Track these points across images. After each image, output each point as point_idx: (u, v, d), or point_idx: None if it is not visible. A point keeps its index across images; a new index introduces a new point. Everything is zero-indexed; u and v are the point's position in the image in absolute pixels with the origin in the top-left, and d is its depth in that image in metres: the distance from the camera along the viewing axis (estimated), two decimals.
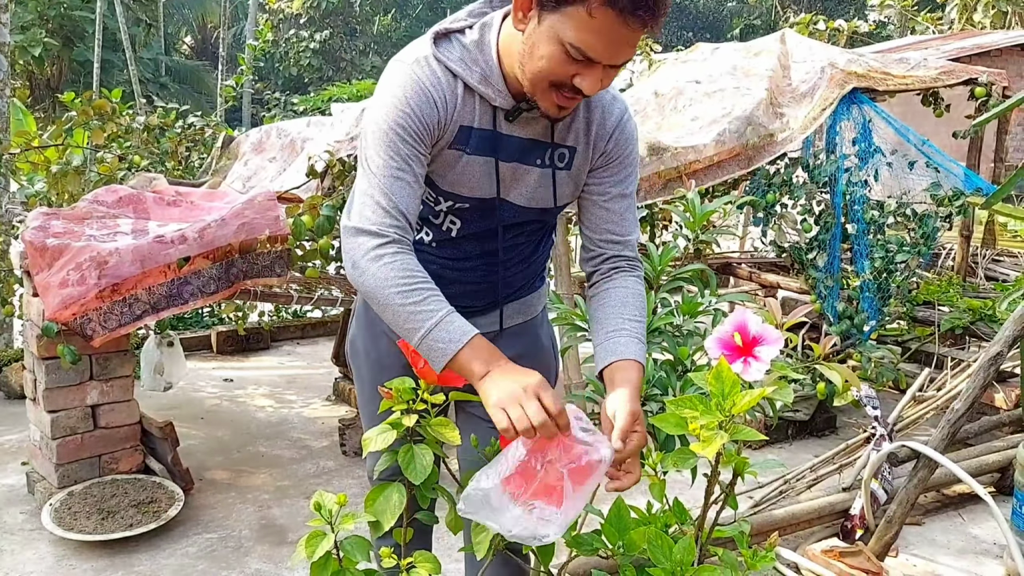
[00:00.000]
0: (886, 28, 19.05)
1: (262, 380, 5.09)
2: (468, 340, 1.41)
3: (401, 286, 1.43)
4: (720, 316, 2.15)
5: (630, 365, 1.56)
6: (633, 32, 1.34)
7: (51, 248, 3.04)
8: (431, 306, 1.43)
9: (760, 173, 4.19)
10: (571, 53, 1.36)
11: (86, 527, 3.00)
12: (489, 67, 1.51)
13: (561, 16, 1.35)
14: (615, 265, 1.70)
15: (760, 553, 1.51)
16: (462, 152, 1.55)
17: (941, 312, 4.70)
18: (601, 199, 1.69)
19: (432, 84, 1.49)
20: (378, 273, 1.44)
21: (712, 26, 27.26)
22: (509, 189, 1.61)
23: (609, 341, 1.60)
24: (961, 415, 2.65)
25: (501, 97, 1.52)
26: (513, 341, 1.83)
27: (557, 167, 1.62)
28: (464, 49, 1.52)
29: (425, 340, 1.42)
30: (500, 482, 1.38)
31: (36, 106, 16.68)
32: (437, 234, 1.68)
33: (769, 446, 4.02)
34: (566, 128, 1.60)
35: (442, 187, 1.59)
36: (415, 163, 1.49)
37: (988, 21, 13.51)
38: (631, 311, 1.65)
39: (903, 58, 4.78)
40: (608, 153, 1.65)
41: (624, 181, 1.69)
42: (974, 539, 3.19)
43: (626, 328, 1.62)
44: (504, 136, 1.56)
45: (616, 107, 1.64)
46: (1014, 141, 10.44)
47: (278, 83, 24.84)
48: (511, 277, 1.77)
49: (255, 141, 5.02)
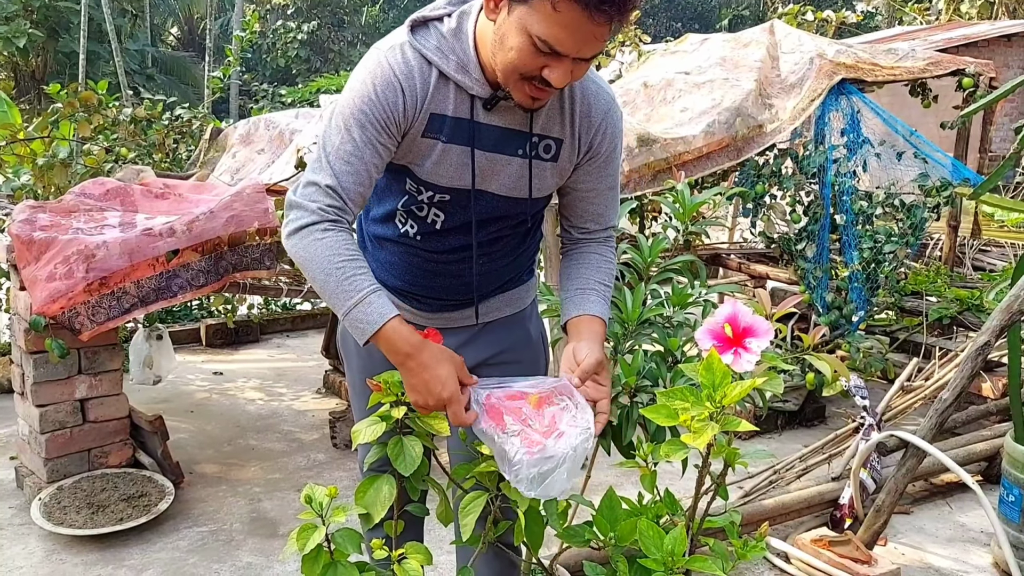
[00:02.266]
0: (874, 18, 19.10)
1: (252, 373, 5.08)
2: (384, 322, 1.44)
3: (329, 263, 1.45)
4: (710, 307, 2.16)
5: (595, 320, 1.64)
6: (599, 26, 1.34)
7: (38, 241, 3.02)
8: (353, 284, 1.45)
9: (749, 164, 4.20)
10: (538, 45, 1.36)
11: (76, 521, 2.99)
12: (466, 55, 1.51)
13: (528, 8, 1.34)
14: (591, 236, 1.76)
15: (750, 543, 1.51)
16: (436, 140, 1.54)
17: (929, 302, 4.72)
18: (589, 194, 1.70)
19: (401, 72, 1.49)
20: (309, 248, 1.47)
21: (701, 17, 27.25)
22: (488, 179, 1.60)
23: (577, 296, 1.68)
24: (949, 405, 2.67)
25: (479, 86, 1.51)
26: (499, 335, 1.83)
27: (541, 158, 1.61)
28: (441, 37, 1.52)
29: (347, 317, 1.46)
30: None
31: (21, 98, 16.54)
32: (422, 227, 1.68)
33: (759, 436, 4.04)
34: (549, 118, 1.58)
35: (421, 176, 1.59)
36: (370, 151, 1.50)
37: (975, 11, 13.55)
38: (601, 275, 1.72)
39: (891, 49, 4.79)
40: (595, 147, 1.64)
41: (610, 175, 1.70)
42: (962, 527, 3.21)
43: (594, 288, 1.69)
44: (482, 125, 1.55)
45: (602, 98, 1.63)
46: (1000, 132, 10.49)
47: (266, 74, 24.71)
48: (495, 271, 1.77)
49: (243, 133, 4.99)
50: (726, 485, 1.56)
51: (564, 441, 1.39)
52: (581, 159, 1.65)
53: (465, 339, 1.79)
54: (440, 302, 1.78)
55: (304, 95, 17.76)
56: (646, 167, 3.86)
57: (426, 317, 1.79)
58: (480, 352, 1.80)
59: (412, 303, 1.79)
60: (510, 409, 1.44)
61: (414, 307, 1.79)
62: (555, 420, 1.43)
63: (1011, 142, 9.88)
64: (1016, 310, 2.55)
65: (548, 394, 1.48)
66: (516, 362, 1.86)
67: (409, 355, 1.44)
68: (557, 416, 1.44)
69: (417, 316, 1.79)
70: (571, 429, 1.41)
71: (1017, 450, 2.77)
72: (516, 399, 1.46)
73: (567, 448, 1.38)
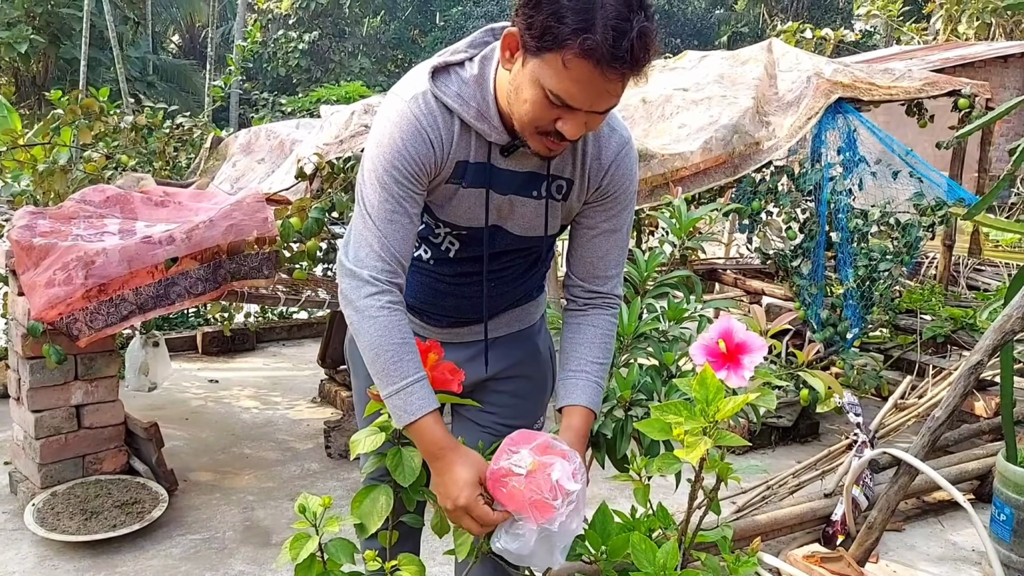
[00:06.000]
0: (872, 37, 19.21)
1: (247, 381, 5.08)
2: (419, 417, 1.46)
3: (380, 343, 1.48)
4: (705, 322, 2.17)
5: (580, 413, 1.63)
6: (611, 82, 1.33)
7: (37, 247, 3.02)
8: (399, 371, 1.47)
9: (746, 181, 4.22)
10: (551, 99, 1.36)
11: (69, 527, 2.99)
12: (486, 103, 1.50)
13: (541, 62, 1.34)
14: (591, 301, 1.72)
15: (742, 558, 1.52)
16: (458, 186, 1.56)
17: (923, 320, 4.74)
18: (590, 232, 1.68)
19: (428, 124, 1.49)
20: (363, 324, 1.49)
21: (700, 33, 27.38)
22: (505, 218, 1.61)
23: (569, 381, 1.67)
24: (942, 423, 2.68)
25: (496, 133, 1.51)
26: (508, 349, 1.84)
27: (554, 198, 1.61)
28: (462, 83, 1.51)
29: (388, 400, 1.48)
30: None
31: (22, 103, 16.54)
32: (435, 253, 1.70)
33: (752, 452, 4.05)
34: (562, 160, 1.59)
35: (440, 216, 1.61)
36: (409, 204, 1.51)
37: (972, 32, 13.64)
38: (596, 352, 1.69)
39: (888, 68, 4.83)
40: (603, 188, 1.63)
41: (616, 217, 1.67)
42: (953, 546, 3.22)
43: (586, 371, 1.67)
44: (498, 170, 1.55)
45: (614, 140, 1.61)
46: (996, 152, 10.54)
47: (266, 83, 24.75)
48: (504, 293, 1.78)
49: (244, 142, 5.01)
50: (719, 500, 1.57)
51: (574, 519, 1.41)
52: (590, 197, 1.64)
53: (473, 353, 1.80)
54: (449, 318, 1.79)
55: (304, 105, 17.77)
56: (643, 182, 3.88)
57: (435, 331, 1.80)
58: (492, 366, 1.81)
59: (422, 318, 1.81)
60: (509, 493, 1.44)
61: (424, 322, 1.81)
62: (561, 485, 1.41)
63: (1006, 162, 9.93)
64: (1009, 330, 2.57)
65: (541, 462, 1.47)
66: (524, 376, 1.87)
67: (434, 455, 1.47)
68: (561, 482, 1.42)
69: (427, 330, 1.81)
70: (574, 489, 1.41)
71: (1009, 469, 2.79)
72: (507, 475, 1.44)
73: (575, 526, 1.41)
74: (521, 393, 1.87)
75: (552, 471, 1.39)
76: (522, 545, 1.39)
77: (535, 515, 1.38)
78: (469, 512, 1.43)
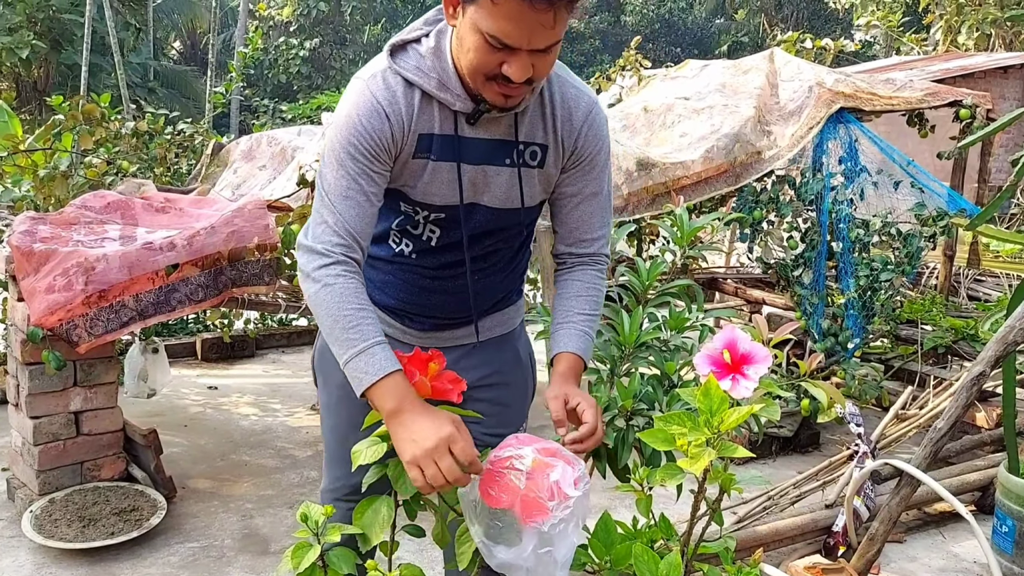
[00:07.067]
0: (872, 48, 19.26)
1: (247, 388, 5.06)
2: (385, 375, 1.43)
3: (336, 310, 1.47)
4: (707, 331, 2.17)
5: (569, 358, 1.66)
6: (541, 14, 1.35)
7: (38, 253, 3.02)
8: (358, 334, 1.46)
9: (747, 190, 4.22)
10: (490, 42, 1.39)
11: (67, 535, 2.97)
12: (446, 72, 1.53)
13: (476, 7, 1.38)
14: (580, 261, 1.76)
15: (744, 569, 1.52)
16: (427, 159, 1.56)
17: (924, 331, 4.74)
18: (574, 200, 1.70)
19: (384, 98, 1.51)
20: (319, 294, 1.49)
21: (700, 42, 27.44)
22: (480, 192, 1.62)
23: (560, 330, 1.70)
24: (943, 434, 2.67)
25: (460, 101, 1.53)
26: (491, 355, 1.84)
27: (528, 165, 1.63)
28: (420, 57, 1.54)
29: (347, 366, 1.47)
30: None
31: (23, 109, 16.56)
32: (417, 244, 1.69)
33: (753, 462, 4.04)
34: (532, 125, 1.60)
35: (415, 198, 1.61)
36: (365, 181, 1.52)
37: (972, 43, 13.67)
38: (584, 304, 1.72)
39: (889, 78, 4.84)
40: (579, 150, 1.65)
41: (596, 179, 1.70)
42: (955, 557, 3.21)
43: (574, 321, 1.70)
44: (467, 139, 1.57)
45: (582, 101, 1.64)
46: (997, 162, 10.56)
47: (267, 90, 24.79)
48: (490, 287, 1.78)
49: (245, 149, 5.02)
50: (721, 510, 1.56)
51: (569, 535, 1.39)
52: (566, 163, 1.66)
53: (456, 357, 1.79)
54: (434, 320, 1.78)
55: (305, 112, 17.80)
56: (645, 191, 3.89)
57: (419, 336, 1.79)
58: (473, 373, 1.79)
59: (406, 322, 1.80)
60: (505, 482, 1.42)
61: (407, 326, 1.80)
62: (558, 486, 1.40)
63: (1007, 173, 9.94)
64: (1011, 341, 2.56)
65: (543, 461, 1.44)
66: (505, 384, 1.87)
67: (408, 408, 1.41)
68: (559, 483, 1.41)
69: (408, 335, 1.80)
70: (574, 495, 1.38)
71: (1011, 480, 2.78)
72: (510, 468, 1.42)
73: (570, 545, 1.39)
74: (504, 400, 1.87)
75: (552, 472, 1.38)
76: (517, 554, 1.37)
77: (525, 513, 1.35)
78: (452, 446, 1.36)
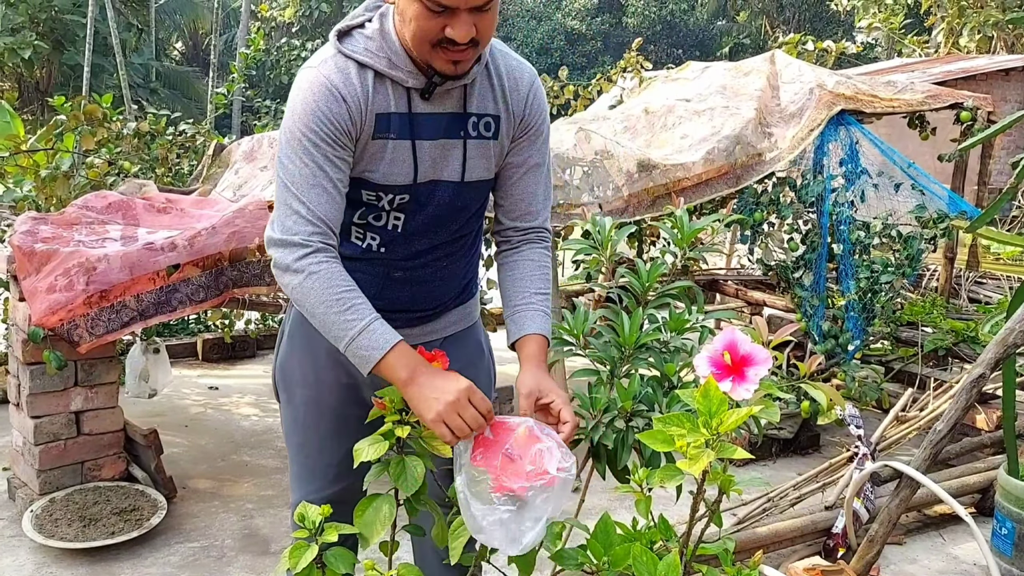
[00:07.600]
0: (873, 50, 19.25)
1: (247, 388, 5.07)
2: (391, 346, 1.46)
3: (327, 296, 1.47)
4: (707, 333, 2.16)
5: (535, 340, 1.67)
6: None
7: (39, 253, 3.02)
8: (355, 314, 1.47)
9: (748, 191, 4.22)
10: (429, 6, 1.41)
11: (67, 534, 2.98)
12: (393, 51, 1.54)
13: None
14: (525, 237, 1.77)
15: (744, 571, 1.52)
16: (386, 139, 1.57)
17: (924, 333, 4.74)
18: (519, 171, 1.72)
19: (339, 81, 1.52)
20: (305, 283, 1.49)
21: (702, 44, 27.42)
22: (439, 168, 1.63)
23: (517, 315, 1.71)
24: (943, 436, 2.68)
25: (412, 77, 1.55)
26: (458, 350, 1.84)
27: (483, 136, 1.65)
28: (367, 39, 1.55)
29: (350, 347, 1.47)
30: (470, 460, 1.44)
31: (25, 109, 16.57)
32: (384, 236, 1.69)
33: (753, 463, 4.04)
34: (482, 97, 1.63)
35: (377, 181, 1.60)
36: (331, 168, 1.52)
37: (974, 45, 13.66)
38: (537, 283, 1.74)
39: (890, 81, 4.84)
40: (527, 119, 1.69)
41: (540, 149, 1.73)
42: (954, 559, 3.21)
43: (531, 302, 1.71)
44: (421, 115, 1.58)
45: (525, 71, 1.69)
46: (997, 165, 10.55)
47: (268, 91, 24.80)
48: (455, 274, 1.79)
49: (247, 150, 5.01)
50: (720, 512, 1.56)
51: (549, 499, 1.40)
52: (515, 131, 1.69)
53: None
54: (406, 315, 1.77)
55: None
56: (645, 192, 3.89)
57: None
58: None
59: None
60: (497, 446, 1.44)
61: None
62: (541, 458, 1.42)
63: (1008, 175, 9.94)
64: (1011, 343, 2.57)
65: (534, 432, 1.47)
66: (476, 377, 1.87)
67: (423, 371, 1.46)
68: (542, 455, 1.43)
69: None
70: (557, 473, 1.40)
71: (1010, 483, 2.78)
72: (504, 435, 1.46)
73: (549, 510, 1.40)
74: None
75: (540, 444, 1.40)
76: (486, 513, 1.38)
77: (500, 470, 1.38)
78: (472, 396, 1.43)
